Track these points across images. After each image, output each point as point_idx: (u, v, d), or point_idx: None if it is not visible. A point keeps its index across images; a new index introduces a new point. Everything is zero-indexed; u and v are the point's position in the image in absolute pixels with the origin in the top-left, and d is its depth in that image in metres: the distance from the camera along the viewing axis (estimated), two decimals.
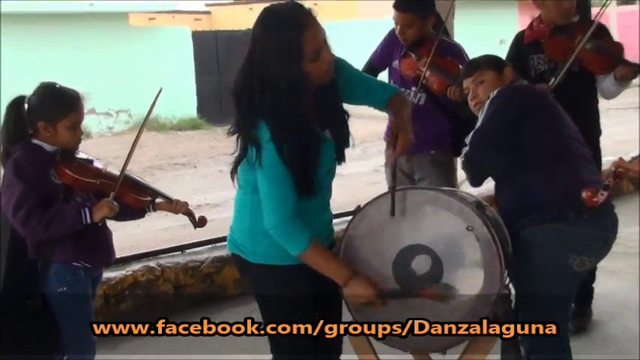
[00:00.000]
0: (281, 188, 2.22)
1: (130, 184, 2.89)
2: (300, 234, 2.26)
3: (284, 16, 2.19)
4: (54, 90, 2.84)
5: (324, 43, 2.22)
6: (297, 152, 2.19)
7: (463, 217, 2.32)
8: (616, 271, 4.92)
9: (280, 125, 2.16)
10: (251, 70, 2.18)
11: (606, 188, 2.24)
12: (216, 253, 4.80)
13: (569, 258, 2.55)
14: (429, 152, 3.89)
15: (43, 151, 2.77)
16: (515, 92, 2.74)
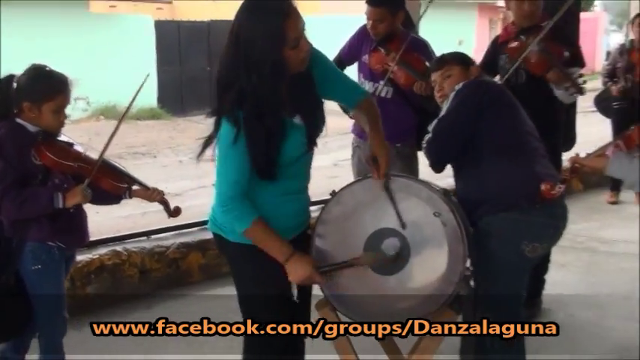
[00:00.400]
0: (235, 170, 2.33)
1: (107, 170, 2.96)
2: (245, 213, 2.37)
3: (269, 3, 2.29)
4: (43, 72, 2.88)
5: (303, 32, 2.33)
6: (263, 134, 2.29)
7: (431, 204, 2.47)
8: (565, 264, 5.16)
9: (258, 107, 2.27)
10: (238, 55, 2.27)
11: (563, 182, 2.41)
12: (182, 239, 4.88)
13: (522, 245, 2.72)
14: (395, 145, 4.02)
15: (26, 131, 2.82)
16: (479, 86, 2.90)
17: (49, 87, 2.84)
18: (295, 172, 2.48)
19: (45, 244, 2.89)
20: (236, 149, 2.30)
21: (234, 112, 2.28)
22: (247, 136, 2.29)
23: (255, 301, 2.57)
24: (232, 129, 2.28)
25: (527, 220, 2.71)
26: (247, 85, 2.26)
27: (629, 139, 2.27)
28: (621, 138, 2.30)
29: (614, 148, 2.31)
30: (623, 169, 2.26)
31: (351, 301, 2.55)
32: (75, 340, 3.94)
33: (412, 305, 2.51)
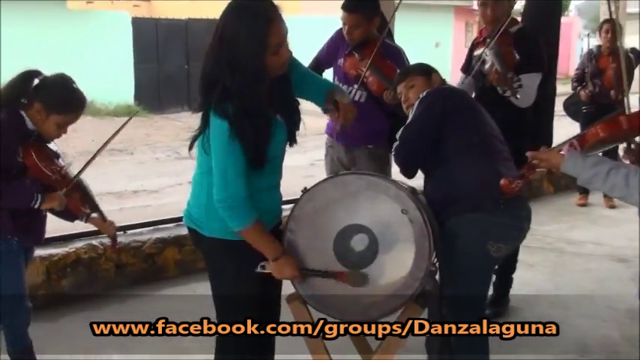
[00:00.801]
0: (233, 164, 2.38)
1: (79, 191, 3.03)
2: (246, 213, 2.43)
3: (255, 7, 2.36)
4: (69, 86, 2.93)
5: (285, 38, 2.42)
6: (253, 130, 2.36)
7: (399, 201, 2.56)
8: (534, 264, 5.30)
9: (243, 106, 2.34)
10: (221, 54, 2.35)
11: (521, 177, 2.49)
12: (158, 235, 4.94)
13: (488, 245, 2.82)
14: (367, 147, 4.12)
15: (24, 126, 2.87)
16: (441, 94, 3.02)
17: (67, 103, 2.91)
18: (275, 167, 2.57)
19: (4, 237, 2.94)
20: (235, 144, 2.35)
21: (223, 106, 2.35)
22: (239, 130, 2.35)
23: (230, 300, 2.63)
24: (224, 123, 2.34)
25: (492, 220, 2.81)
26: (232, 84, 2.34)
27: (583, 139, 2.37)
28: (576, 138, 2.40)
29: (569, 147, 2.40)
30: (576, 167, 2.35)
31: (320, 294, 2.64)
32: (49, 331, 4.03)
33: (379, 300, 2.59)
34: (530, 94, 3.88)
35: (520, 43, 3.85)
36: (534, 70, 3.88)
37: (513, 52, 3.81)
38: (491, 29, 3.93)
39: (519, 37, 3.89)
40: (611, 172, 2.27)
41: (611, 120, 2.35)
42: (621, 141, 2.52)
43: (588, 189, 6.98)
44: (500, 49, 3.77)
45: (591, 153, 2.37)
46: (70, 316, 4.27)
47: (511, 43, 3.83)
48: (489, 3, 3.91)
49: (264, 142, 2.42)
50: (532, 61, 3.88)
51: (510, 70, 3.68)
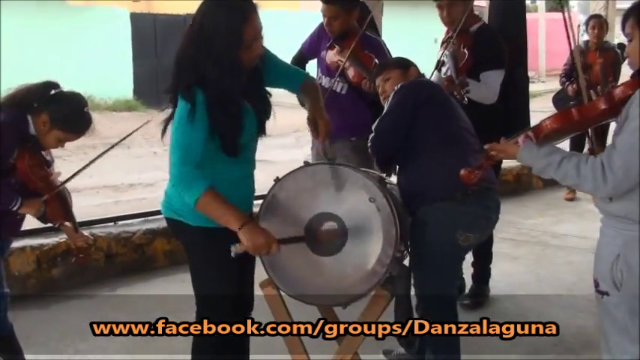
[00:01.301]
0: (189, 142, 2.46)
1: (59, 201, 3.11)
2: (197, 182, 2.45)
3: (233, 2, 2.46)
4: (79, 108, 3.04)
5: (260, 35, 2.52)
6: (226, 118, 2.47)
7: (367, 190, 2.66)
8: (518, 257, 5.41)
9: (218, 95, 2.45)
10: (199, 43, 2.45)
11: (479, 168, 2.57)
12: (148, 226, 5.05)
13: (456, 233, 2.90)
14: (350, 139, 4.21)
15: (26, 129, 2.96)
16: (414, 86, 3.12)
17: (74, 124, 3.02)
18: (247, 157, 2.66)
19: None
20: (191, 126, 2.44)
21: (191, 90, 2.44)
22: (211, 118, 2.45)
23: (212, 288, 2.71)
24: (187, 105, 2.44)
25: (460, 210, 2.90)
26: (210, 73, 2.44)
27: (538, 130, 2.44)
28: (532, 129, 2.48)
29: (524, 138, 2.48)
30: (531, 157, 2.43)
31: (290, 280, 2.75)
32: (40, 318, 4.16)
33: (348, 285, 2.70)
34: (493, 90, 3.96)
35: (480, 41, 3.95)
36: (495, 68, 3.97)
37: (467, 57, 3.89)
38: (451, 30, 4.02)
39: (479, 36, 3.98)
40: (564, 161, 2.35)
41: (564, 111, 2.44)
42: (575, 132, 2.60)
43: None
44: (456, 52, 3.88)
45: (546, 143, 2.45)
46: (60, 304, 4.38)
47: (470, 43, 3.92)
48: (444, 5, 4.00)
49: (237, 129, 2.52)
50: (492, 59, 3.96)
51: (461, 75, 3.76)
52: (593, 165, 2.30)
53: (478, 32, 4.03)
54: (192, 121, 2.44)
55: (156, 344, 3.77)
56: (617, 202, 2.35)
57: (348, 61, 4.00)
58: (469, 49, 3.88)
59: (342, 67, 4.04)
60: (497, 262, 4.88)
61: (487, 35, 4.05)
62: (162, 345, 3.74)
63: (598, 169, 2.29)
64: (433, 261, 2.95)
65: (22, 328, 3.54)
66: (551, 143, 2.47)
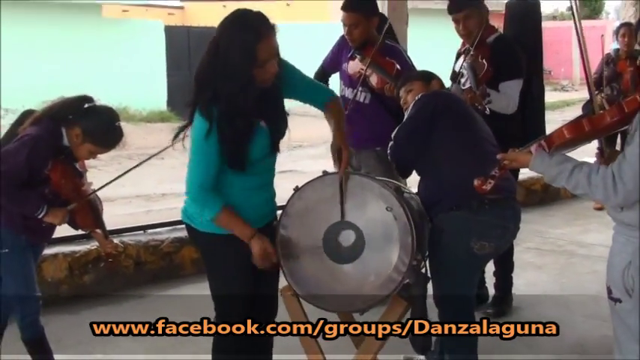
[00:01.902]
0: (202, 161, 2.60)
1: (89, 209, 3.24)
2: (212, 201, 2.63)
3: (249, 23, 2.57)
4: (112, 124, 3.16)
5: (274, 55, 2.61)
6: (232, 133, 2.57)
7: (384, 199, 2.73)
8: (542, 266, 5.41)
9: (228, 109, 2.55)
10: (215, 60, 2.56)
11: (493, 178, 2.62)
12: (176, 235, 5.16)
13: (471, 242, 2.95)
14: (375, 149, 4.26)
15: (60, 142, 3.10)
16: (432, 98, 3.19)
17: (106, 138, 3.15)
18: (262, 169, 2.75)
19: (14, 233, 3.16)
20: (208, 143, 2.56)
21: (209, 108, 2.55)
22: (220, 133, 2.56)
23: (226, 293, 2.81)
24: (205, 123, 2.55)
25: (476, 219, 2.95)
26: (222, 89, 2.54)
27: (550, 140, 2.48)
28: (544, 138, 2.51)
29: (537, 147, 2.52)
30: (542, 165, 2.46)
31: (308, 286, 2.83)
32: (71, 322, 4.28)
33: (365, 292, 2.76)
34: (513, 100, 4.00)
35: (498, 52, 3.99)
36: (513, 77, 4.00)
37: (486, 67, 3.93)
38: (469, 42, 4.06)
39: (496, 47, 4.03)
40: (575, 170, 2.39)
41: (576, 122, 2.47)
42: (586, 141, 2.62)
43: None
44: (475, 62, 3.92)
45: (558, 152, 2.48)
46: (90, 309, 4.50)
47: (487, 55, 3.96)
48: (460, 19, 4.04)
49: (244, 145, 2.62)
50: (510, 69, 4.00)
51: (481, 85, 3.80)
52: (604, 175, 2.34)
53: (495, 43, 4.07)
54: (207, 139, 2.55)
55: (183, 346, 3.88)
56: (628, 210, 2.38)
57: (369, 68, 4.06)
58: (487, 60, 3.93)
59: (363, 75, 4.10)
60: (522, 272, 4.91)
61: (504, 45, 4.08)
62: (190, 347, 3.85)
63: (609, 179, 2.32)
64: (450, 268, 3.01)
65: (54, 331, 3.67)
66: (563, 152, 2.51)
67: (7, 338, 3.38)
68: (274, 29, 2.60)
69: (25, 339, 3.30)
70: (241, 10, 2.67)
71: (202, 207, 2.67)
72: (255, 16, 2.59)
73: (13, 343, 3.41)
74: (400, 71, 4.07)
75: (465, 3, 4.06)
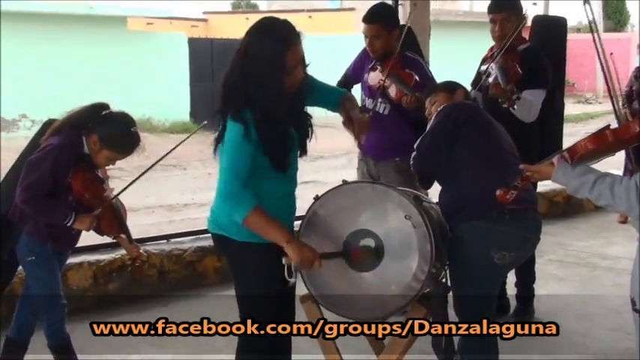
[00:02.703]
0: (238, 161, 2.61)
1: (113, 215, 3.30)
2: (246, 201, 2.60)
3: (276, 31, 2.63)
4: (128, 129, 3.19)
5: (301, 62, 2.67)
6: (277, 138, 2.62)
7: (402, 208, 2.76)
8: (564, 278, 5.39)
9: (265, 116, 2.59)
10: (246, 68, 2.61)
11: (515, 188, 2.63)
12: (199, 244, 5.21)
13: (491, 251, 2.97)
14: (394, 159, 4.29)
15: (81, 150, 3.16)
16: (454, 109, 3.21)
17: (123, 144, 3.20)
18: (291, 175, 2.79)
19: (39, 241, 3.23)
20: (243, 145, 2.59)
21: (242, 113, 2.60)
22: (261, 137, 2.60)
23: (254, 301, 2.82)
24: (240, 127, 2.59)
25: (496, 229, 2.97)
26: (257, 96, 2.59)
27: (573, 151, 2.48)
28: (567, 150, 2.51)
29: (560, 158, 2.52)
30: (565, 177, 2.47)
31: (330, 294, 2.86)
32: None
33: (384, 300, 2.79)
34: (534, 109, 4.02)
35: (526, 60, 4.02)
36: (538, 87, 4.03)
37: (517, 68, 3.96)
38: (499, 45, 4.09)
39: (525, 55, 4.06)
40: (598, 181, 2.39)
41: (599, 133, 2.47)
42: (610, 153, 2.61)
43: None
44: (506, 63, 3.94)
45: (580, 164, 2.49)
46: (115, 318, 4.54)
47: (517, 60, 3.99)
48: (498, 19, 4.09)
49: (286, 147, 2.67)
50: (537, 77, 4.02)
51: (511, 84, 3.83)
52: (627, 186, 2.34)
53: (525, 52, 4.10)
54: (244, 142, 2.58)
55: (204, 358, 3.93)
56: None
57: (388, 79, 4.10)
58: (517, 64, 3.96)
59: (382, 86, 4.13)
60: (544, 283, 4.89)
61: (534, 55, 4.12)
62: (212, 358, 3.90)
63: (632, 190, 2.32)
64: (470, 278, 3.02)
65: (79, 339, 3.72)
66: (586, 164, 2.51)
67: (34, 345, 3.44)
68: (300, 37, 2.66)
69: (52, 345, 3.36)
70: (268, 19, 2.73)
71: (234, 207, 2.63)
72: (282, 25, 2.65)
73: (40, 350, 3.48)
74: (419, 83, 4.10)
75: (506, 4, 4.12)
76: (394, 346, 2.90)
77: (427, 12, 5.73)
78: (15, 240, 3.24)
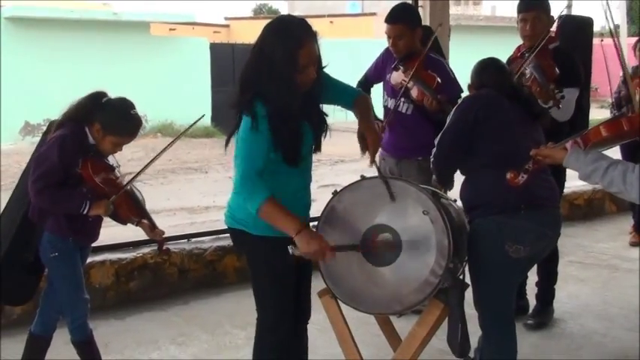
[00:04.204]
0: (252, 151, 2.63)
1: (129, 200, 3.33)
2: (259, 190, 2.61)
3: (291, 29, 2.66)
4: (127, 112, 3.22)
5: (315, 61, 2.69)
6: (289, 133, 2.65)
7: (421, 203, 2.78)
8: (585, 279, 5.36)
9: (278, 111, 2.62)
10: (260, 64, 2.65)
11: (526, 172, 2.64)
12: (219, 243, 5.25)
13: (506, 245, 2.97)
14: (417, 159, 4.28)
15: (86, 140, 3.21)
16: (475, 103, 3.18)
17: (123, 127, 3.23)
18: (304, 169, 2.82)
19: (61, 236, 3.27)
20: (255, 135, 2.61)
21: (252, 105, 2.62)
22: (273, 130, 2.62)
23: (270, 295, 2.85)
24: (249, 118, 2.62)
25: (511, 223, 2.98)
26: (271, 92, 2.62)
27: (587, 138, 2.48)
28: (580, 136, 2.51)
29: (572, 143, 2.53)
30: (577, 162, 2.46)
31: (348, 289, 2.87)
32: (117, 327, 4.41)
33: (402, 294, 2.80)
34: (570, 108, 3.99)
35: (558, 59, 3.99)
36: (573, 85, 3.99)
37: (554, 66, 3.94)
38: (530, 45, 4.06)
39: (557, 54, 4.03)
40: (610, 168, 2.39)
41: (614, 120, 2.48)
42: (622, 141, 2.61)
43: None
44: (541, 62, 3.91)
45: (593, 150, 2.49)
46: (136, 315, 4.62)
47: (551, 58, 3.96)
48: (529, 19, 4.06)
49: (298, 141, 2.69)
50: (571, 75, 3.99)
51: (551, 83, 3.80)
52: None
53: (556, 50, 4.07)
54: (254, 132, 2.61)
55: (224, 355, 3.98)
56: None
57: (411, 80, 4.12)
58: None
59: (404, 87, 4.15)
60: (564, 284, 4.87)
61: (566, 53, 4.09)
62: (231, 354, 3.94)
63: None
64: (487, 272, 3.03)
65: (101, 336, 3.79)
66: (598, 150, 2.51)
67: (57, 340, 3.50)
68: (315, 36, 2.68)
69: (75, 341, 3.41)
70: (284, 17, 2.79)
71: (250, 195, 2.64)
72: (296, 24, 2.68)
73: (63, 346, 3.54)
74: (441, 85, 4.11)
75: (537, 4, 4.09)
76: (411, 341, 2.92)
77: (447, 12, 5.73)
78: (38, 240, 3.30)
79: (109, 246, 4.83)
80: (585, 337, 4.27)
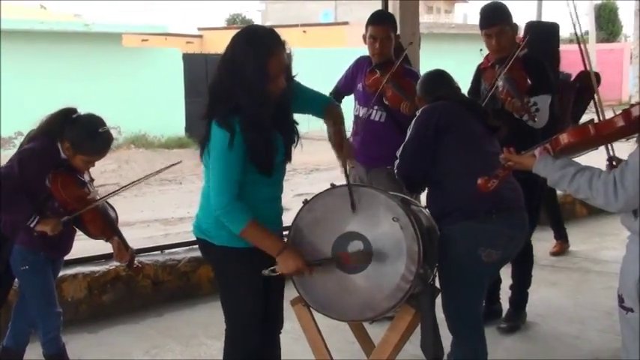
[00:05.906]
0: (230, 172, 2.64)
1: (100, 217, 3.32)
2: (242, 213, 2.66)
3: (261, 39, 2.66)
4: (94, 131, 3.21)
5: (285, 70, 2.70)
6: (262, 141, 2.65)
7: (390, 210, 2.80)
8: (556, 282, 5.42)
9: (251, 120, 2.62)
10: (231, 74, 2.64)
11: (496, 177, 2.67)
12: (193, 254, 5.20)
13: (479, 250, 3.00)
14: (386, 167, 4.29)
15: (57, 155, 3.20)
16: (434, 114, 3.21)
17: (92, 147, 3.22)
18: (276, 179, 2.83)
19: (31, 250, 3.26)
20: (232, 153, 2.62)
21: (229, 119, 2.62)
22: (246, 142, 2.62)
23: (239, 306, 2.86)
24: (226, 134, 2.61)
25: (482, 228, 3.01)
26: (243, 102, 2.62)
27: (555, 143, 2.51)
28: (549, 142, 2.54)
29: (541, 150, 2.55)
30: (546, 169, 2.49)
31: (320, 297, 2.88)
32: (90, 341, 4.36)
33: (374, 301, 2.82)
34: (544, 115, 4.01)
35: (528, 67, 4.03)
36: (545, 92, 4.03)
37: (525, 77, 3.97)
38: (498, 57, 4.08)
39: (527, 62, 4.07)
40: (577, 174, 2.43)
41: (582, 127, 2.50)
42: (591, 147, 2.63)
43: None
44: (512, 74, 3.94)
45: (562, 156, 2.52)
46: (109, 328, 4.58)
47: (522, 68, 4.00)
48: (493, 34, 4.06)
49: (271, 152, 2.70)
50: (542, 83, 4.03)
51: (524, 95, 3.84)
52: (605, 180, 2.37)
53: (526, 58, 4.10)
54: (230, 149, 2.61)
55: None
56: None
57: (389, 83, 4.14)
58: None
59: (380, 88, 4.16)
60: (536, 288, 4.91)
61: (536, 60, 4.12)
62: None
63: (610, 185, 2.35)
64: (458, 277, 3.06)
65: (74, 350, 3.76)
66: (567, 157, 2.54)
67: (30, 354, 3.47)
68: (284, 46, 2.69)
69: (47, 354, 3.39)
70: (253, 27, 2.80)
71: (233, 218, 2.66)
72: (266, 33, 2.68)
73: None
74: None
75: (499, 18, 4.10)
76: (384, 346, 2.93)
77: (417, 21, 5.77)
78: (9, 252, 3.27)
79: (81, 259, 4.77)
80: (558, 339, 4.31)
